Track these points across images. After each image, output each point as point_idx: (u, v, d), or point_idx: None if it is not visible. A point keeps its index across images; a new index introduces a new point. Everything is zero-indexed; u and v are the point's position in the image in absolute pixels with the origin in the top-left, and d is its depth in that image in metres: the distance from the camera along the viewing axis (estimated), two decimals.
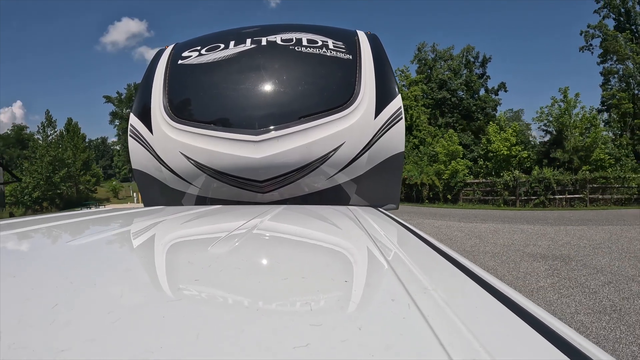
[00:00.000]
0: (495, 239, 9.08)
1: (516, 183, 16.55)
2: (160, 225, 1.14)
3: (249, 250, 0.76)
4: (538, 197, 15.99)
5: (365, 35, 2.51)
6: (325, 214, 1.42)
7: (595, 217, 12.97)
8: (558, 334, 0.39)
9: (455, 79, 28.80)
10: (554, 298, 4.77)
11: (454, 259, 0.68)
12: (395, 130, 2.17)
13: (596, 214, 13.71)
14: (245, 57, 2.28)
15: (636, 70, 23.69)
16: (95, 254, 0.74)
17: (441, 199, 19.24)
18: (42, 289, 0.49)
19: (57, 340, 0.35)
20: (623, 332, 3.64)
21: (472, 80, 28.61)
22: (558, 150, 18.76)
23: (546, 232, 9.83)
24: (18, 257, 0.71)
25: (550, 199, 15.92)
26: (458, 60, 29.55)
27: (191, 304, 0.46)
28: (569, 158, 18.38)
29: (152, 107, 2.23)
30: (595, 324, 3.86)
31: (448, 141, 20.75)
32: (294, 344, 0.34)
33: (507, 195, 16.96)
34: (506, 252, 7.53)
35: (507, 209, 16.19)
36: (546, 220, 12.48)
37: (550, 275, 5.76)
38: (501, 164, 19.29)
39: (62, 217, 1.23)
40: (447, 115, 28.23)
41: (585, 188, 15.74)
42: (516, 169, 18.12)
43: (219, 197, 2.24)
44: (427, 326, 0.38)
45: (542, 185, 16.00)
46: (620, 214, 13.41)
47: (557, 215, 13.71)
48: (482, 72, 29.86)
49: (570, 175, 16.53)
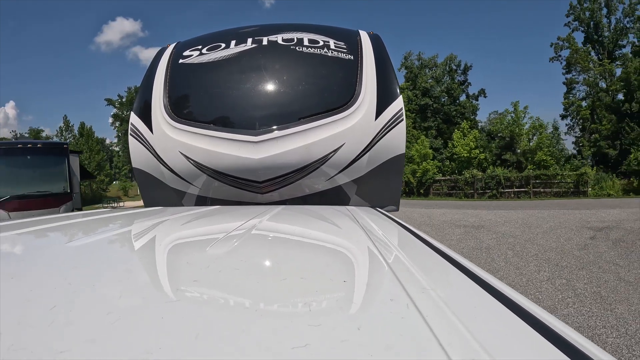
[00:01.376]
0: (440, 218, 12.23)
1: (474, 179, 20.24)
2: (158, 226, 1.13)
3: (248, 250, 0.75)
4: (491, 191, 19.27)
5: (367, 35, 2.48)
6: (324, 214, 1.41)
7: (528, 205, 16.13)
8: (557, 333, 0.39)
9: (437, 86, 30.47)
10: (455, 244, 7.69)
11: (452, 258, 0.68)
12: (396, 131, 2.13)
13: (531, 203, 16.91)
14: (245, 57, 2.25)
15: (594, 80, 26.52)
16: (94, 255, 0.74)
17: (415, 193, 23.45)
18: (41, 290, 0.49)
19: (56, 341, 0.34)
20: (487, 258, 6.60)
21: (453, 87, 30.62)
22: (508, 152, 22.40)
23: (480, 214, 13.01)
24: (17, 258, 0.71)
25: (502, 192, 19.29)
26: (442, 68, 31.34)
27: (190, 305, 0.46)
28: (517, 159, 22.15)
29: (152, 106, 2.21)
30: (471, 254, 6.78)
31: (420, 145, 24.11)
32: (293, 344, 0.34)
33: (467, 189, 20.45)
34: (442, 224, 10.64)
35: (466, 200, 19.71)
36: (488, 207, 15.73)
37: (462, 235, 8.85)
38: (463, 164, 22.97)
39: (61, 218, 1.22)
40: (429, 120, 30.04)
41: (529, 183, 18.99)
42: (475, 168, 21.59)
43: (219, 197, 2.23)
44: (426, 326, 0.37)
45: (494, 181, 19.57)
46: (550, 203, 16.59)
47: (500, 204, 17.07)
48: (463, 79, 31.90)
49: (517, 173, 20.18)
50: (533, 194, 19.00)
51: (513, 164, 22.08)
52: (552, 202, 16.88)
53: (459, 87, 31.19)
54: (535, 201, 17.71)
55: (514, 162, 22.13)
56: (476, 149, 22.84)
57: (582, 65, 25.90)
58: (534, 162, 21.33)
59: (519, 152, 22.33)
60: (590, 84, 26.59)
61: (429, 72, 31.32)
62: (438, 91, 30.52)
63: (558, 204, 15.80)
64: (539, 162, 21.11)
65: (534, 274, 5.64)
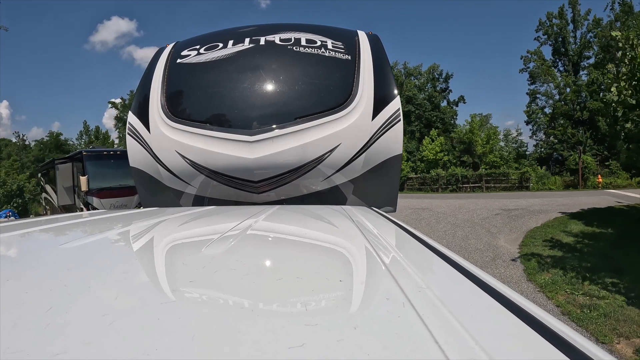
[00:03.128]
0: (400, 204, 15.65)
1: (438, 177, 24.21)
2: (154, 227, 1.11)
3: (244, 251, 0.74)
4: (452, 186, 23.10)
5: (366, 35, 2.44)
6: (320, 213, 1.39)
7: (475, 196, 19.61)
8: (554, 331, 0.39)
9: (419, 94, 32.66)
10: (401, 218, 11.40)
11: (448, 257, 0.67)
12: (393, 132, 2.10)
13: (479, 195, 20.71)
14: (242, 57, 2.21)
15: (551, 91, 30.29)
16: (90, 257, 0.73)
17: None
18: (37, 292, 0.49)
19: (52, 343, 0.34)
20: (417, 224, 10.02)
21: (434, 95, 32.96)
22: (467, 155, 26.58)
23: (433, 202, 16.57)
24: (13, 260, 0.70)
25: (460, 187, 23.15)
26: (425, 76, 33.69)
27: (186, 306, 0.45)
28: (474, 161, 26.46)
29: (150, 106, 2.17)
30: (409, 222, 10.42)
31: None
32: (290, 344, 0.34)
33: (433, 185, 24.25)
34: (399, 208, 14.23)
35: (432, 193, 23.48)
36: (443, 198, 19.45)
37: (410, 213, 12.55)
38: (431, 164, 26.81)
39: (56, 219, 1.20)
40: (412, 124, 31.76)
41: (482, 180, 22.80)
42: (440, 168, 25.71)
43: (216, 197, 2.19)
44: (422, 325, 0.37)
45: (454, 178, 23.46)
46: (494, 195, 20.09)
47: (454, 196, 20.95)
48: (445, 86, 34.21)
49: (472, 171, 24.90)
50: (485, 189, 23.05)
51: (470, 164, 26.71)
52: (496, 194, 20.52)
53: (440, 95, 33.61)
54: (486, 193, 21.48)
55: (471, 162, 26.77)
56: (441, 152, 26.74)
57: (543, 77, 28.99)
58: (487, 163, 25.83)
59: (475, 154, 26.83)
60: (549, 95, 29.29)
61: (414, 80, 33.27)
62: (420, 99, 32.62)
63: (499, 195, 19.40)
64: (491, 162, 25.67)
65: (438, 229, 9.50)
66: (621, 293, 5.01)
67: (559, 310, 4.75)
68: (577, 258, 6.66)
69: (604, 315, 4.20)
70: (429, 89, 34.07)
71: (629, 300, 4.69)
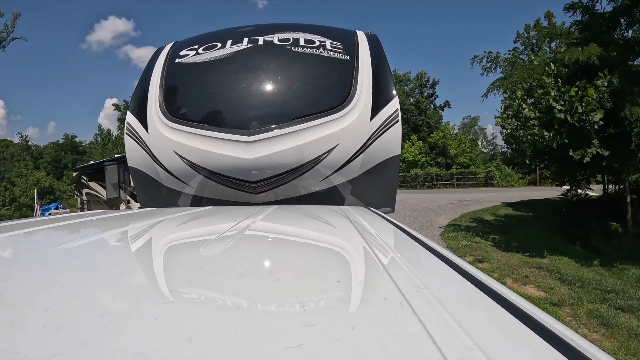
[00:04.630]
0: None
1: (416, 176, 26.98)
2: (151, 227, 1.09)
3: (241, 251, 0.74)
4: (428, 183, 26.20)
5: (364, 35, 2.40)
6: (318, 213, 1.38)
7: (445, 191, 22.67)
8: (552, 331, 0.38)
9: (407, 100, 34.07)
10: None
11: (446, 257, 0.67)
12: (391, 133, 2.07)
13: (450, 190, 23.62)
14: (241, 57, 2.18)
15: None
16: (87, 257, 0.72)
17: None
18: (34, 293, 0.48)
19: (50, 344, 0.33)
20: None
21: (421, 101, 35.02)
22: (441, 157, 29.63)
23: (407, 196, 18.63)
24: (9, 261, 0.69)
25: (435, 184, 26.27)
26: (414, 82, 35.75)
27: (184, 306, 0.45)
28: (446, 162, 29.43)
29: (148, 106, 2.14)
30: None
31: None
32: (288, 344, 0.33)
33: (412, 182, 27.15)
34: None
35: (410, 189, 26.29)
36: (418, 192, 22.20)
37: None
38: (410, 165, 29.76)
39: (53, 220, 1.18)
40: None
41: (453, 178, 25.96)
42: (418, 168, 28.67)
43: (214, 197, 2.17)
44: (420, 325, 0.37)
45: (430, 177, 26.49)
46: (462, 190, 22.84)
47: (428, 191, 23.64)
48: (432, 92, 36.33)
49: (445, 171, 28.28)
50: (456, 185, 26.46)
51: (444, 164, 30.28)
52: (463, 190, 23.68)
53: (426, 100, 35.69)
54: (455, 189, 24.71)
55: (444, 163, 30.34)
56: (419, 155, 29.87)
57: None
58: (458, 163, 29.49)
59: (448, 156, 30.42)
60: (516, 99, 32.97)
61: (403, 86, 34.99)
62: (407, 104, 33.96)
63: (464, 190, 22.46)
64: (461, 163, 29.41)
65: (401, 213, 11.87)
66: (491, 242, 7.97)
67: (445, 245, 7.70)
68: (484, 228, 9.56)
69: (469, 248, 7.24)
70: (417, 94, 36.01)
71: (492, 244, 7.64)
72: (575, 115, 6.00)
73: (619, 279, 5.50)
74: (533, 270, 6.03)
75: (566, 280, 5.53)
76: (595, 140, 6.23)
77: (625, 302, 4.63)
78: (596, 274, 5.75)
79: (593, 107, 6.00)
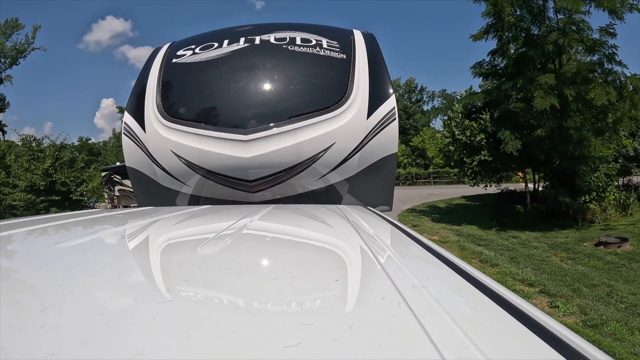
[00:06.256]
0: None
1: (399, 175, 29.89)
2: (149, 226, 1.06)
3: (239, 250, 0.71)
4: (409, 181, 29.38)
5: (361, 34, 2.34)
6: (315, 213, 1.35)
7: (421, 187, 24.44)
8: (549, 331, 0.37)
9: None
10: None
11: (443, 256, 0.65)
12: (388, 131, 2.02)
13: (425, 186, 25.62)
14: (237, 56, 2.12)
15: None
16: (84, 256, 0.69)
17: None
18: (32, 292, 0.47)
19: (47, 343, 0.32)
20: None
21: (409, 106, 36.13)
22: (420, 158, 32.84)
23: None
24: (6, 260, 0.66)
25: (415, 182, 29.19)
26: (403, 88, 37.02)
27: (182, 305, 0.43)
28: (425, 162, 32.42)
29: (145, 106, 2.08)
30: None
31: None
32: (285, 343, 0.32)
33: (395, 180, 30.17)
34: None
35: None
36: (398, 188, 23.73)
37: None
38: None
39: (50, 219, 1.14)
40: None
41: (430, 176, 29.28)
42: (400, 168, 31.26)
43: (212, 196, 2.11)
44: (417, 324, 0.35)
45: (410, 175, 29.42)
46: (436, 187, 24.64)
47: (407, 187, 25.03)
48: (419, 97, 38.02)
49: (424, 170, 30.50)
50: (433, 183, 28.75)
51: (423, 165, 32.77)
52: (437, 186, 25.43)
53: (414, 105, 37.07)
54: (431, 186, 26.77)
55: (423, 164, 32.80)
56: (402, 156, 31.82)
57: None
58: (434, 164, 31.63)
59: (426, 157, 32.86)
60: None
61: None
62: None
63: (437, 187, 24.10)
64: (437, 164, 31.19)
65: None
66: (433, 219, 10.87)
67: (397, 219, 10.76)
68: (433, 211, 11.40)
69: (413, 221, 9.64)
70: (405, 100, 37.29)
71: (432, 220, 10.82)
72: (466, 137, 9.88)
73: (498, 237, 7.96)
74: (445, 231, 8.45)
75: (461, 234, 8.19)
76: (484, 151, 9.84)
77: (484, 242, 7.10)
78: (485, 234, 8.09)
79: (477, 132, 9.84)
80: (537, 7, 8.69)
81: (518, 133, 8.42)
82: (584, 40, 7.59)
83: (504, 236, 8.00)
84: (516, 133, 8.40)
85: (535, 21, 8.71)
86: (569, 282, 4.81)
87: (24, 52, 22.88)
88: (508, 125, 8.57)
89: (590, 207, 8.92)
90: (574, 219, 8.71)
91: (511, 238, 7.76)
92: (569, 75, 8.02)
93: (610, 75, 7.94)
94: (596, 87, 7.48)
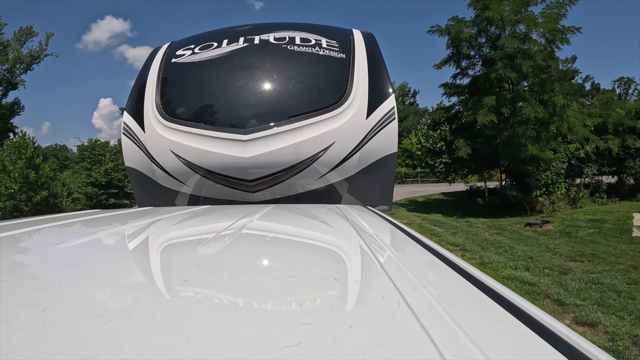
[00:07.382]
0: None
1: None
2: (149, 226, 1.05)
3: (239, 250, 0.70)
4: (398, 180, 31.35)
5: (361, 34, 2.31)
6: (315, 212, 1.33)
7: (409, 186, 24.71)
8: (550, 330, 0.37)
9: None
10: None
11: (443, 256, 0.64)
12: (387, 130, 2.00)
13: (412, 185, 26.03)
14: (236, 56, 2.09)
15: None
16: (84, 256, 0.67)
17: None
18: (32, 293, 0.46)
19: (47, 344, 0.32)
20: None
21: (401, 110, 37.11)
22: (409, 159, 34.88)
23: None
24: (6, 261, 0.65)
25: (404, 181, 30.78)
26: (397, 92, 36.00)
27: (181, 305, 0.42)
28: (413, 162, 34.27)
29: (144, 105, 2.04)
30: None
31: None
32: (285, 343, 0.32)
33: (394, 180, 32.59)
34: None
35: None
36: None
37: None
38: None
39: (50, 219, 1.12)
40: None
41: (417, 176, 31.44)
42: None
43: (211, 196, 2.07)
44: (417, 323, 0.35)
45: (399, 175, 30.91)
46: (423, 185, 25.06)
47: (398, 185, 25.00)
48: (413, 101, 38.78)
49: (412, 170, 32.14)
50: (420, 181, 30.01)
51: (411, 165, 33.76)
52: (423, 185, 25.79)
53: (407, 109, 38.50)
54: (418, 184, 27.53)
55: (412, 164, 33.72)
56: None
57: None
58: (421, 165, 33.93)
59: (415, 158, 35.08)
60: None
61: None
62: None
63: (423, 185, 24.44)
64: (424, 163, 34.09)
65: None
66: (408, 209, 12.15)
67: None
68: (412, 205, 12.09)
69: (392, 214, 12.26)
70: (399, 103, 38.05)
71: (408, 211, 13.03)
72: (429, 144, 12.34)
73: (454, 221, 8.52)
74: (414, 217, 9.36)
75: (425, 219, 9.07)
76: (444, 155, 12.22)
77: (440, 224, 8.06)
78: (445, 220, 8.99)
79: (437, 140, 12.30)
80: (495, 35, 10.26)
81: (470, 141, 10.03)
82: (520, 69, 9.34)
83: (460, 221, 8.93)
84: (468, 141, 9.85)
85: (494, 46, 10.11)
86: (484, 245, 6.24)
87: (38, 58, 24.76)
88: (462, 135, 10.41)
89: (539, 200, 10.04)
90: (524, 210, 9.81)
91: (464, 222, 8.69)
92: (509, 97, 10.35)
93: (542, 95, 10.24)
94: (528, 106, 9.79)
